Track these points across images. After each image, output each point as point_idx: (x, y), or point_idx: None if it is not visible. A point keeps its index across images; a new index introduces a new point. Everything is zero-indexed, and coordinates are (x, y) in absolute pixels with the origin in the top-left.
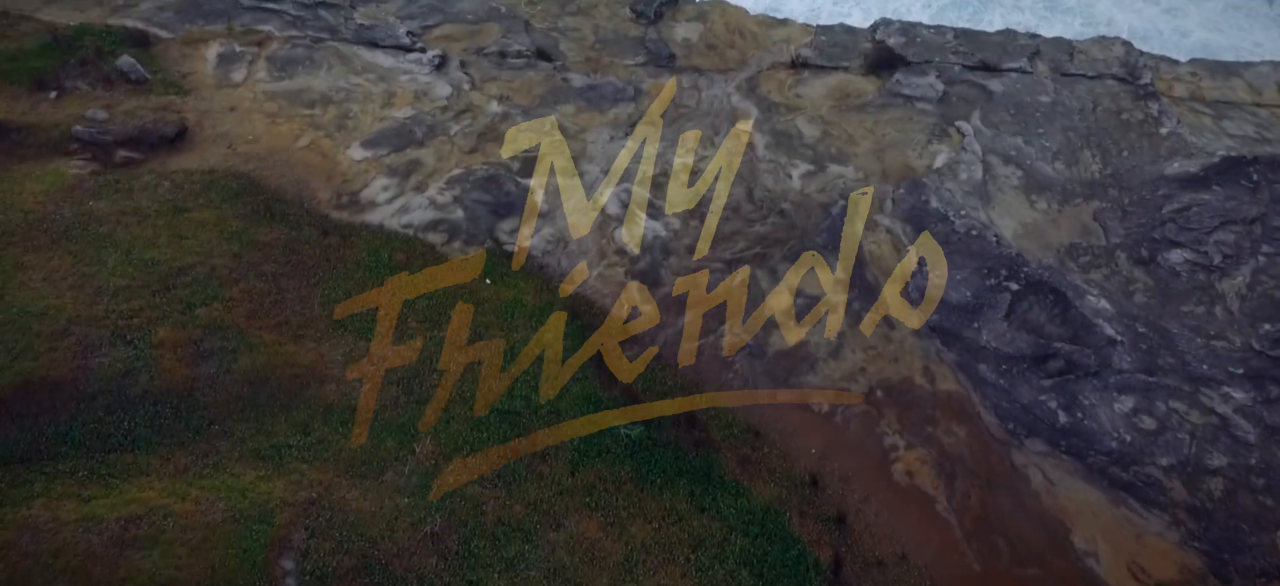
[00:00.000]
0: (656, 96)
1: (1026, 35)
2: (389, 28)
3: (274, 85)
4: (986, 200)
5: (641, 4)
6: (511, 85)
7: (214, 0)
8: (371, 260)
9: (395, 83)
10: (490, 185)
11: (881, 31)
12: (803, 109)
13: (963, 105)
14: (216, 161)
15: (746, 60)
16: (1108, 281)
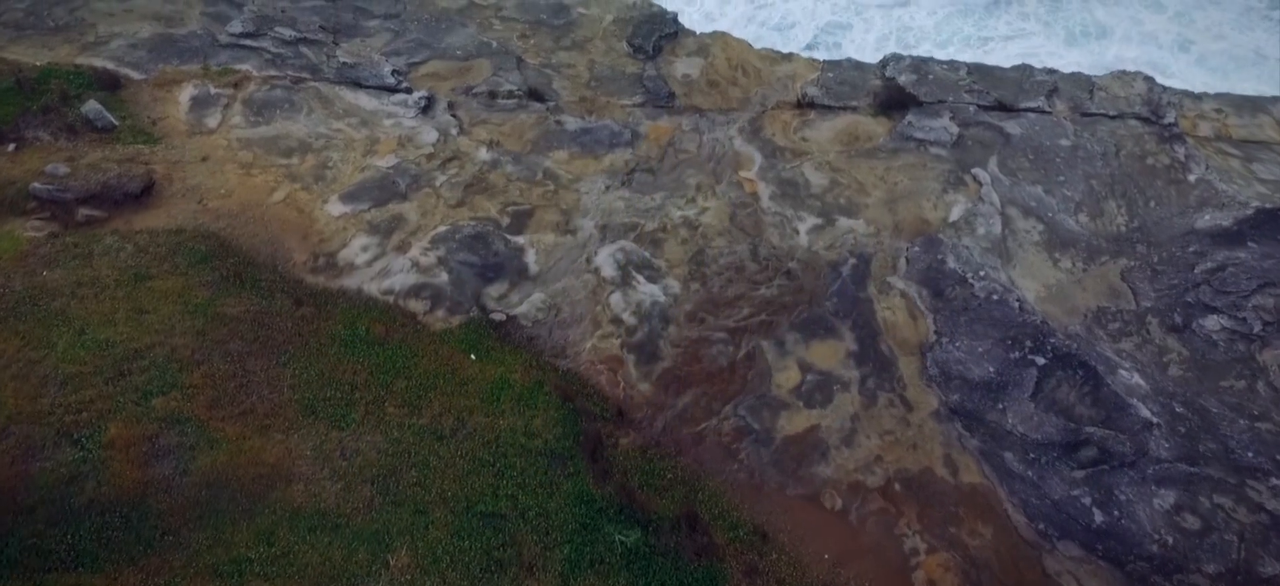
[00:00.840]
0: (655, 140)
1: (1043, 71)
2: (373, 66)
3: (250, 131)
4: (1007, 258)
5: (639, 38)
6: (502, 129)
7: (190, 38)
8: (348, 334)
9: (379, 127)
10: (478, 244)
11: (891, 68)
12: (809, 154)
13: (979, 149)
14: (185, 219)
15: (749, 99)
16: (1140, 352)
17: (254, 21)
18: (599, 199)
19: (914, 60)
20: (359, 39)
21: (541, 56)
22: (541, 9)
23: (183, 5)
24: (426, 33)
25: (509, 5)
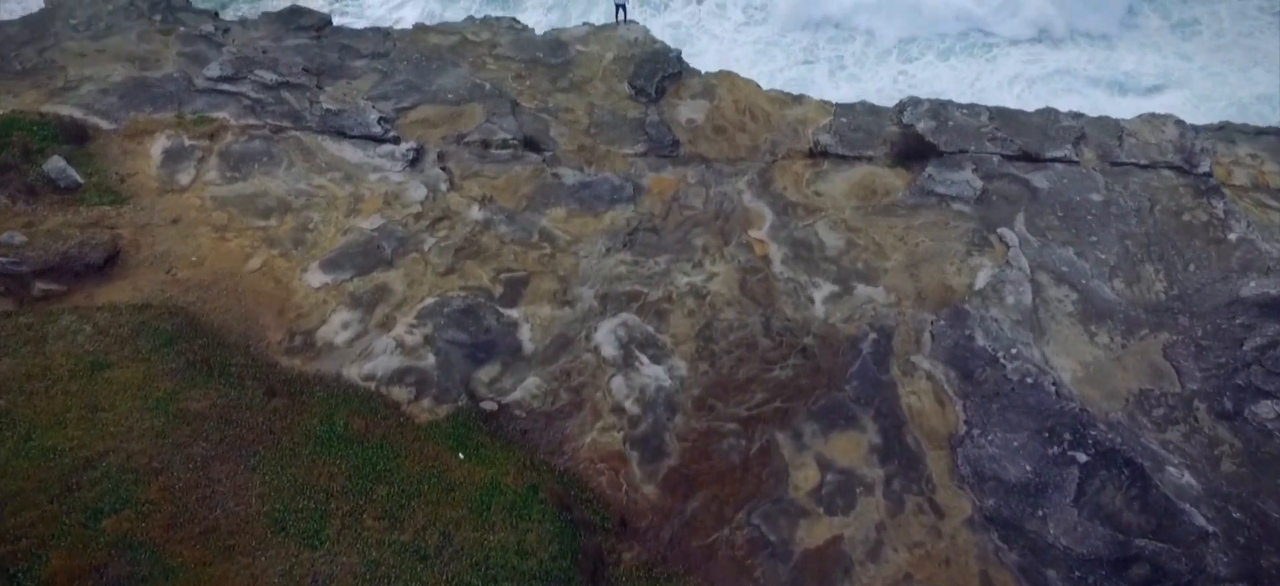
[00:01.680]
0: (658, 194)
1: (1069, 116)
2: (359, 113)
3: (225, 189)
4: (1039, 332)
5: (641, 79)
6: (495, 183)
7: (165, 83)
8: (324, 430)
9: (363, 182)
10: (468, 320)
11: (909, 113)
12: (823, 211)
13: (1004, 205)
14: (151, 292)
15: (758, 146)
16: (1188, 443)
17: (233, 64)
18: (599, 263)
19: (933, 104)
20: (345, 80)
21: (538, 99)
22: (538, 47)
23: (159, 44)
24: (416, 74)
25: (504, 43)
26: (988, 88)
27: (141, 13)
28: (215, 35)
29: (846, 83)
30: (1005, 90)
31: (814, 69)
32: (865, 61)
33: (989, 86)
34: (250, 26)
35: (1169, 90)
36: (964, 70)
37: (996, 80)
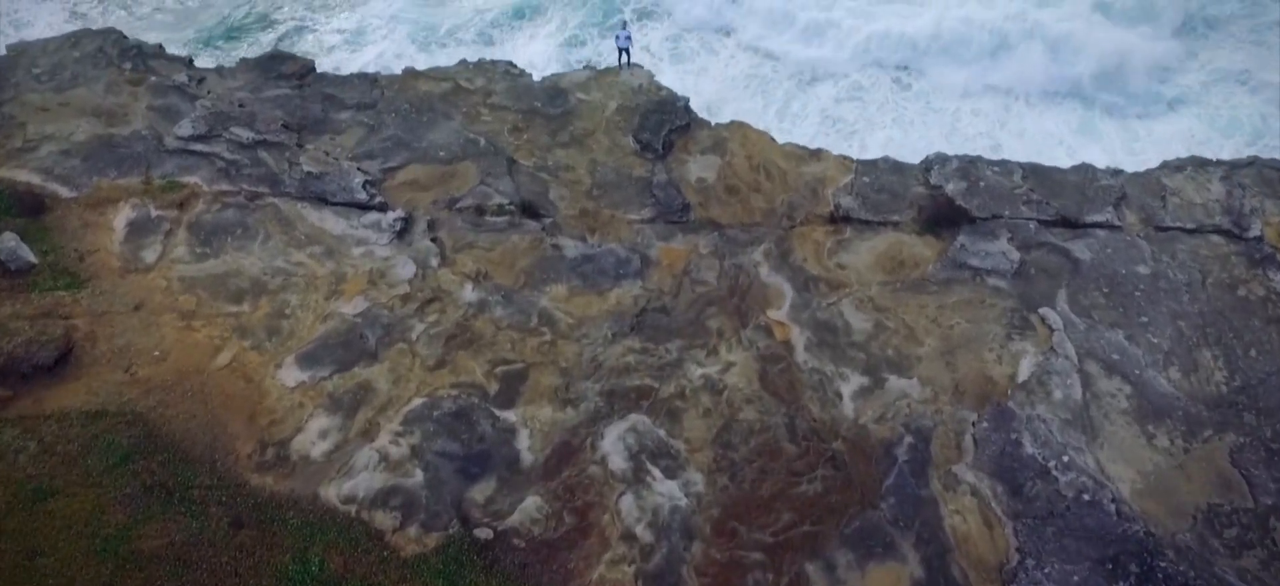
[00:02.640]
0: (668, 267)
1: (1107, 173)
2: (342, 176)
3: (194, 267)
4: (1092, 434)
5: (647, 132)
6: (491, 255)
7: (133, 141)
8: (297, 571)
9: (346, 258)
10: (460, 425)
11: (936, 173)
12: (848, 287)
13: (1044, 280)
14: (108, 395)
15: (774, 208)
16: (1267, 571)
17: (207, 120)
18: (605, 351)
19: (961, 162)
20: (328, 136)
21: (536, 156)
22: (536, 95)
23: (127, 96)
24: (405, 127)
25: (499, 90)
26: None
27: (110, 60)
28: (188, 86)
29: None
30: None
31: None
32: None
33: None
34: (227, 75)
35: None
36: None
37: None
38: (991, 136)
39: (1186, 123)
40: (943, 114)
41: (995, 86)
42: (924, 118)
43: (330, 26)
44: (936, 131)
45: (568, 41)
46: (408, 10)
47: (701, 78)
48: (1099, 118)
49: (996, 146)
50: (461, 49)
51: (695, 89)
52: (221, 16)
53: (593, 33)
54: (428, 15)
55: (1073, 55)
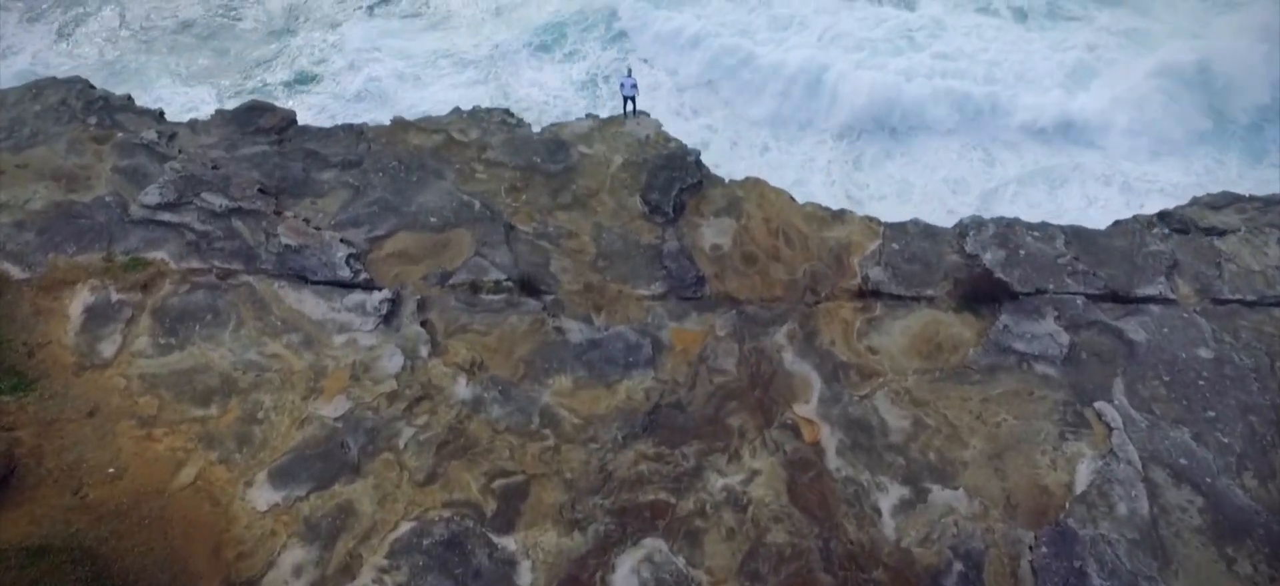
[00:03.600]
0: (682, 352)
1: (1156, 235)
2: (324, 250)
3: (157, 362)
4: (1164, 558)
5: (656, 192)
6: (486, 340)
7: (95, 210)
8: None
9: (326, 348)
10: (453, 557)
11: (972, 240)
12: (881, 375)
13: (1097, 367)
14: (54, 524)
15: (796, 279)
16: None
17: (176, 185)
18: (614, 458)
19: (998, 227)
20: (309, 199)
21: (536, 220)
22: (535, 148)
23: (91, 156)
24: (393, 189)
25: (495, 143)
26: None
27: (74, 114)
28: (158, 144)
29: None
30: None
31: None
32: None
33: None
34: (201, 129)
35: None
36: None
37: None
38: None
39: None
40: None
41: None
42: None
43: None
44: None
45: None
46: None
47: (709, 130)
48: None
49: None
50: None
51: (702, 139)
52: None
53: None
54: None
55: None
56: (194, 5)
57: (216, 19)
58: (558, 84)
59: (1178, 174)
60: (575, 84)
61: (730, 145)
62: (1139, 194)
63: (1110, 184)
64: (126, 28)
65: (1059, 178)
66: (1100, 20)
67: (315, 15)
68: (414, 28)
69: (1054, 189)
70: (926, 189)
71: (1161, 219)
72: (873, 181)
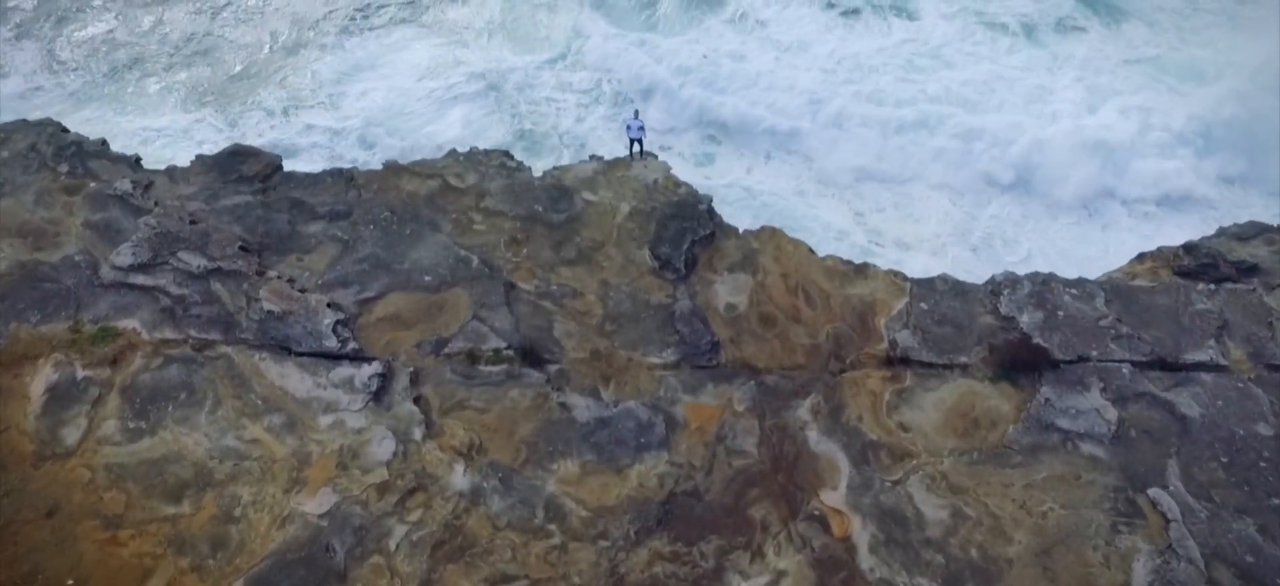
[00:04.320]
0: (698, 430)
1: (1202, 292)
2: (309, 316)
3: (125, 450)
4: None
5: (666, 245)
6: (485, 419)
7: (63, 271)
8: None
9: (311, 431)
10: None
11: (1006, 300)
12: (915, 456)
13: (1149, 446)
14: None
15: (818, 343)
16: None
17: (151, 244)
18: (627, 558)
19: (1033, 285)
20: (295, 256)
21: (538, 277)
22: (536, 195)
23: (61, 208)
24: (385, 243)
25: (494, 189)
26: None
27: (44, 162)
28: (132, 195)
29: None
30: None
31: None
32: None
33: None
34: (179, 178)
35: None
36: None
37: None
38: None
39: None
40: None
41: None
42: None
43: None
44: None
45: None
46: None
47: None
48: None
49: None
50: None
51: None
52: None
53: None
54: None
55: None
56: (189, 21)
57: (210, 37)
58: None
59: (1199, 211)
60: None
61: (736, 189)
62: (1160, 222)
63: (1133, 212)
64: (120, 47)
65: (1074, 208)
66: (1102, 36)
67: (314, 31)
68: (408, 37)
69: (1074, 224)
70: (938, 235)
71: (1187, 251)
72: (884, 225)
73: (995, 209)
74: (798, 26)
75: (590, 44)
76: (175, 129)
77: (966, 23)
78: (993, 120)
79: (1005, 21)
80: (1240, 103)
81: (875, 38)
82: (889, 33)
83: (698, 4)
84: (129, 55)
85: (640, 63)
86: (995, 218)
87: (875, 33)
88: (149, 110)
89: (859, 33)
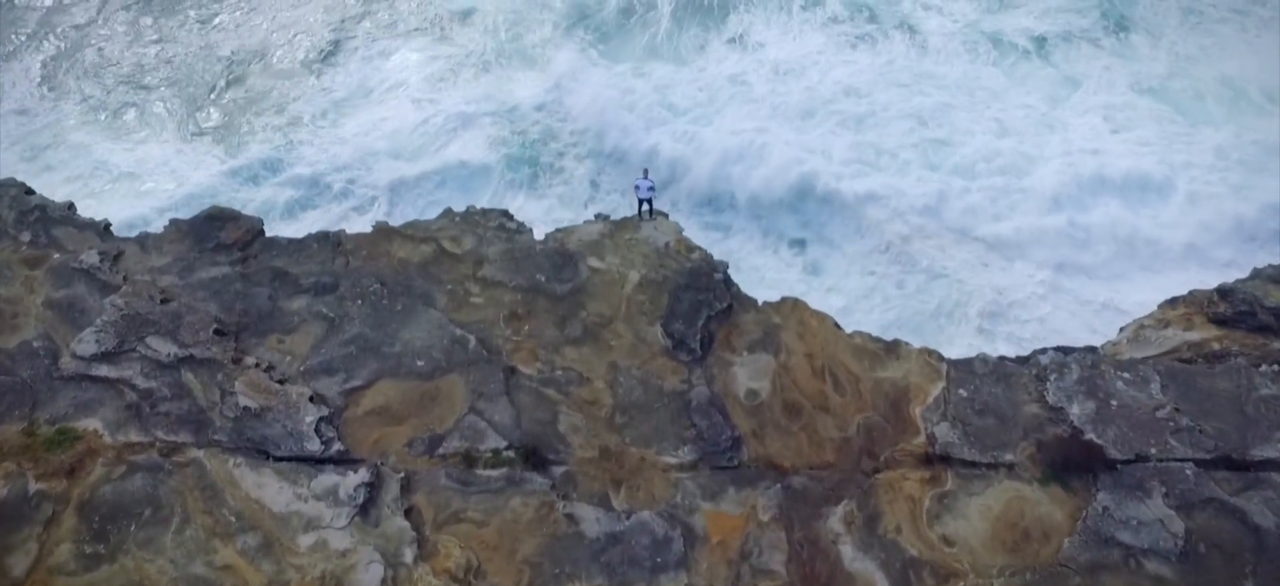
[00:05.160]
0: (720, 546)
1: (1265, 372)
2: (290, 414)
3: (81, 581)
4: None
5: (680, 321)
6: (483, 533)
7: (19, 360)
8: None
9: (289, 554)
10: None
11: (1054, 388)
12: (960, 575)
13: (1220, 563)
14: None
15: (849, 436)
16: None
17: (117, 328)
18: None
19: (1082, 368)
20: (276, 337)
21: (541, 359)
22: (538, 263)
23: (20, 285)
24: (374, 320)
25: (493, 255)
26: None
27: (5, 229)
28: (99, 269)
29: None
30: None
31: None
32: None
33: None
34: (151, 248)
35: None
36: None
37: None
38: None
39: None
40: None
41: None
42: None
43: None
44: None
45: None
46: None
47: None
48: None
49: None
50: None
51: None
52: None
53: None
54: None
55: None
56: (188, 46)
57: (202, 62)
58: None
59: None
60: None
61: (746, 250)
62: (1185, 261)
63: (1161, 252)
64: (109, 71)
65: (1094, 247)
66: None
67: (313, 54)
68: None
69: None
70: (959, 305)
71: (1222, 296)
72: (902, 295)
73: (1014, 255)
74: (798, 47)
75: (580, 92)
76: (167, 156)
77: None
78: (1005, 153)
79: (1016, 41)
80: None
81: (881, 59)
82: (891, 57)
83: (699, 24)
84: (124, 78)
85: (629, 125)
86: (1011, 261)
87: (881, 53)
88: (148, 138)
89: (862, 57)
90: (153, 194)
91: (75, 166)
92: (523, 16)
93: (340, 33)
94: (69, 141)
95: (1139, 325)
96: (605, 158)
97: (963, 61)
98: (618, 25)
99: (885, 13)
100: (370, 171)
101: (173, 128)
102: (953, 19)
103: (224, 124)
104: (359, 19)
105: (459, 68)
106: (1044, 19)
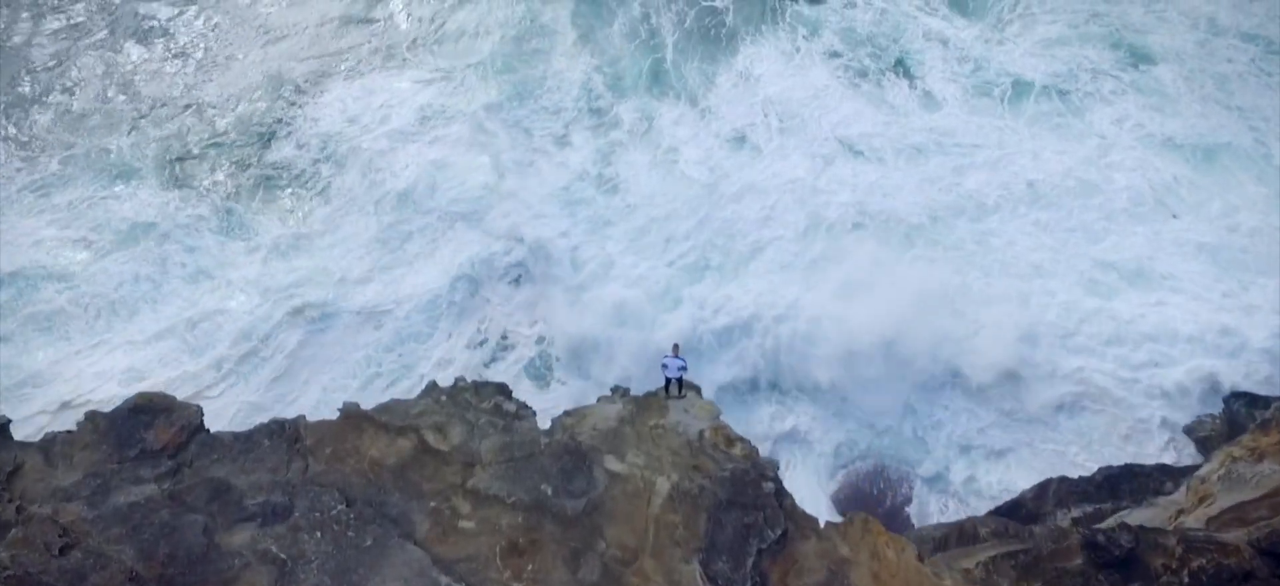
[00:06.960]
0: None
1: None
2: None
3: None
4: None
5: (723, 558)
6: None
7: None
8: None
9: None
10: None
11: None
12: None
13: None
14: None
15: None
16: None
17: None
18: None
19: None
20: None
21: None
22: (544, 467)
23: None
24: (336, 563)
25: (486, 453)
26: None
27: None
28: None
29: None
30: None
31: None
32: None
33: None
34: (59, 458)
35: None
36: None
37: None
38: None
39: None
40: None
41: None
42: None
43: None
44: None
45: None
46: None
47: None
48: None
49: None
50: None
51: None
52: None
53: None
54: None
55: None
56: (156, 82)
57: (186, 104)
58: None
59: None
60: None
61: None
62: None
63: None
64: (88, 116)
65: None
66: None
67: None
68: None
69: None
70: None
71: None
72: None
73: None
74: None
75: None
76: (143, 203)
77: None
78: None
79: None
80: None
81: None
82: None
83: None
84: (97, 125)
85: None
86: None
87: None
88: (95, 186)
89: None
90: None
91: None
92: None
93: (321, 78)
94: (53, 197)
95: (1228, 456)
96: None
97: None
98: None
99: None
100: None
101: (131, 171)
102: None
103: (197, 173)
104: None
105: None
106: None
